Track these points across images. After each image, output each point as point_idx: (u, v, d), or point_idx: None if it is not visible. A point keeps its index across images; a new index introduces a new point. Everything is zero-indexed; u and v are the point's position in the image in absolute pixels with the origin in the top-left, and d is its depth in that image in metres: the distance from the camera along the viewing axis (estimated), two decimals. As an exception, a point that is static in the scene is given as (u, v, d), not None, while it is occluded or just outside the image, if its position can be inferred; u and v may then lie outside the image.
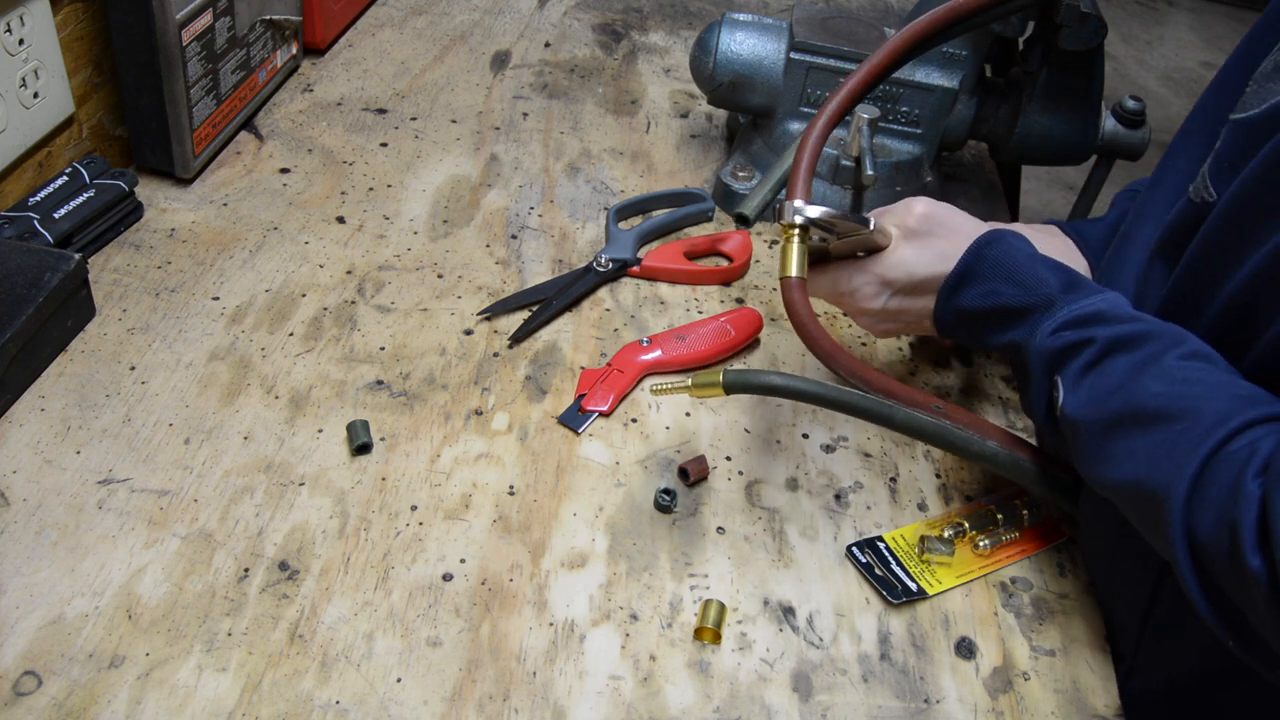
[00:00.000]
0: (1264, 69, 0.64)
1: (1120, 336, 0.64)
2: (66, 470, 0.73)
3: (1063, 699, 0.69)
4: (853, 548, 0.75)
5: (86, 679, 0.62)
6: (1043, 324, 0.69)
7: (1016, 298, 0.71)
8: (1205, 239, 0.64)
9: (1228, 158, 0.64)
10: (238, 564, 0.69)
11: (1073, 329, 0.67)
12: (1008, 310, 0.71)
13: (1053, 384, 0.67)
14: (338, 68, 1.20)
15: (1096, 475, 0.64)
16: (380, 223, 0.99)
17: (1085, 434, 0.64)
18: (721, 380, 0.71)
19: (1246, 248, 0.60)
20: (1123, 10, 4.01)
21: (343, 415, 0.80)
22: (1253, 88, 0.64)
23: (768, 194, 0.80)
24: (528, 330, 0.89)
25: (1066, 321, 0.67)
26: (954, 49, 0.99)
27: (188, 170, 0.99)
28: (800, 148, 0.77)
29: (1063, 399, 0.66)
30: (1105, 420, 0.63)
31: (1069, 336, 0.66)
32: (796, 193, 0.75)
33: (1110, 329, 0.65)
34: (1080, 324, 0.67)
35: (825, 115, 0.78)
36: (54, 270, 0.79)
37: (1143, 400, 0.61)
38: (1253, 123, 0.62)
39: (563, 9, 1.39)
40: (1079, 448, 0.65)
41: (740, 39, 1.02)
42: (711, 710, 0.65)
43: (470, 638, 0.67)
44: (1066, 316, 0.67)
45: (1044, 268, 0.71)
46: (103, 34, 0.96)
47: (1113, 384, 0.63)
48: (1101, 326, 0.66)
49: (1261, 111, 0.62)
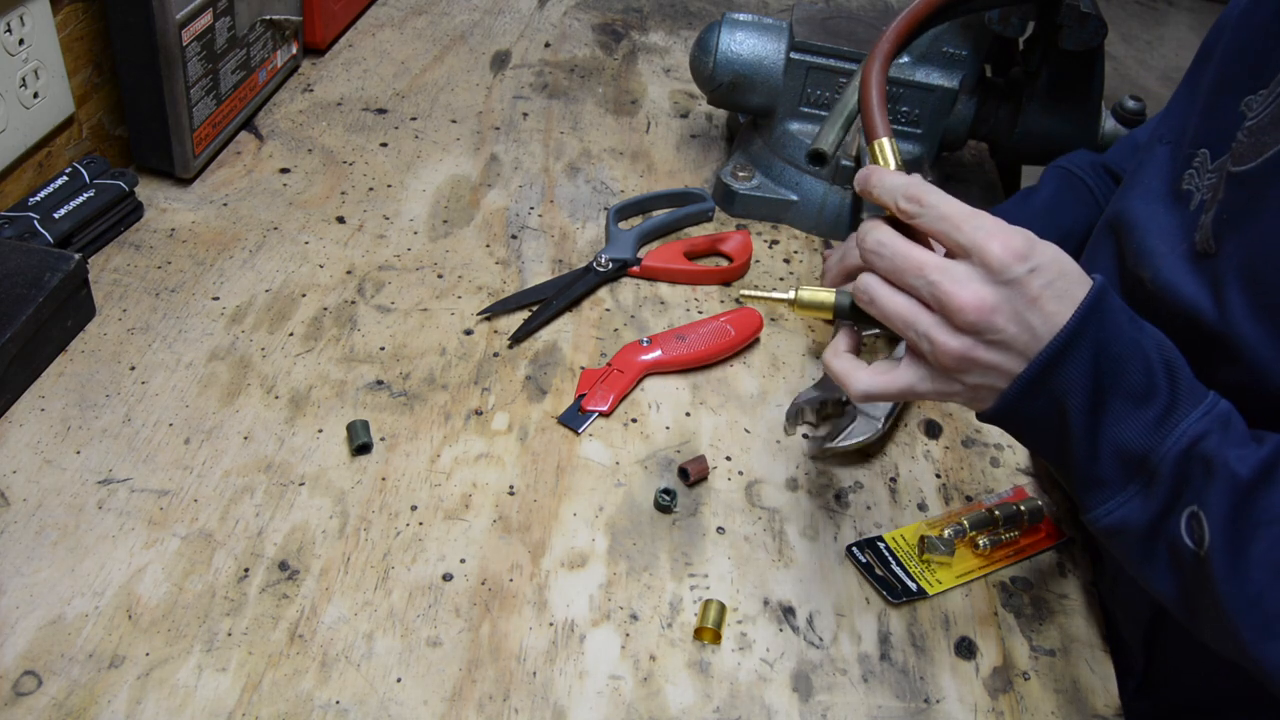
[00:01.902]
0: (1259, 120, 0.63)
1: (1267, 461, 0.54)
2: (66, 470, 0.73)
3: (1063, 699, 0.69)
4: (853, 548, 0.75)
5: (86, 679, 0.62)
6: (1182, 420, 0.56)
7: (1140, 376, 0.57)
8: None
9: (1230, 211, 0.63)
10: (238, 564, 0.69)
11: (1220, 432, 0.55)
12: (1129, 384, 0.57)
13: (1190, 515, 0.55)
14: (338, 68, 1.20)
15: (1261, 651, 0.52)
16: (380, 223, 0.99)
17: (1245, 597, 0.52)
18: (834, 301, 0.64)
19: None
20: (1123, 10, 4.01)
21: (343, 415, 0.80)
22: (1248, 140, 0.63)
23: (840, 130, 0.75)
24: (528, 330, 0.89)
25: (1213, 421, 0.56)
26: (953, 49, 0.99)
27: (188, 170, 0.99)
28: (864, 86, 0.68)
29: (1211, 544, 0.53)
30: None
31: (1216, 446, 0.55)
32: (879, 130, 0.65)
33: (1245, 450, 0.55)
34: (1224, 426, 0.56)
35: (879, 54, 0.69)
36: (54, 270, 0.79)
37: None
38: (1251, 176, 0.62)
39: (563, 9, 1.39)
40: (1224, 610, 0.53)
41: (740, 39, 1.02)
42: (711, 710, 0.65)
43: (470, 638, 0.67)
44: (1211, 415, 0.56)
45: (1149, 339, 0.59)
46: (103, 34, 0.96)
47: (1278, 533, 0.53)
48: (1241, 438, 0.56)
49: (1259, 164, 0.61)
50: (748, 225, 1.05)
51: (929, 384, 0.60)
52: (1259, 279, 0.59)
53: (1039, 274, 0.56)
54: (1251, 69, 0.66)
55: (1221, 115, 0.67)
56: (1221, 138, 0.66)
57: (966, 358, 0.57)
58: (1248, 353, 0.59)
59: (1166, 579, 0.57)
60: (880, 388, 0.61)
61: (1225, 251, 0.63)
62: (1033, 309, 0.56)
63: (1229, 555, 0.53)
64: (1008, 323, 0.56)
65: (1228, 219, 0.63)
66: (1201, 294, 0.63)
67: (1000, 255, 0.55)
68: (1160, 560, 0.57)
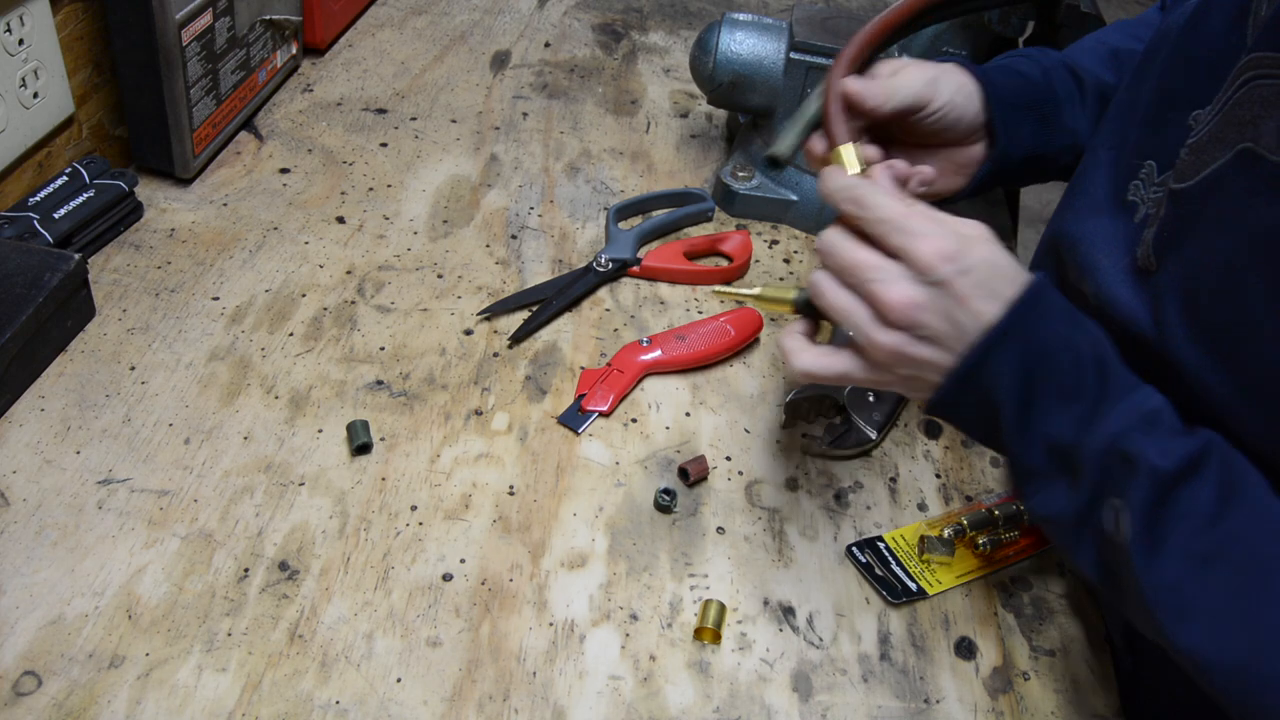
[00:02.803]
0: (1199, 138, 0.62)
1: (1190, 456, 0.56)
2: (66, 470, 0.73)
3: (1063, 699, 0.69)
4: (853, 548, 0.75)
5: (86, 679, 0.62)
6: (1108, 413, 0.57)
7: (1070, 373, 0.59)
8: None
9: (1171, 228, 0.63)
10: (238, 564, 0.69)
11: (1143, 430, 0.56)
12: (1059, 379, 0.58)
13: (1114, 506, 0.57)
14: (338, 68, 1.20)
15: (1177, 637, 0.54)
16: (380, 223, 0.99)
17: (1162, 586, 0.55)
18: (792, 298, 0.67)
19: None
20: (1123, 10, 4.02)
21: (343, 415, 0.80)
22: (1189, 157, 0.63)
23: (799, 135, 0.76)
24: (528, 330, 0.89)
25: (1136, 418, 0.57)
26: (953, 49, 0.99)
27: (188, 170, 0.99)
28: (828, 90, 0.71)
29: (1131, 535, 0.55)
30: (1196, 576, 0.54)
31: (1139, 442, 0.56)
32: (839, 137, 0.68)
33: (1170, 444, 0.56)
34: (1149, 423, 0.57)
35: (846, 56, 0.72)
36: (54, 270, 0.79)
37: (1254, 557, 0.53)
38: (1190, 194, 0.62)
39: (563, 9, 1.39)
40: (1143, 596, 0.56)
41: (740, 39, 1.02)
42: (711, 710, 0.65)
43: (470, 638, 0.67)
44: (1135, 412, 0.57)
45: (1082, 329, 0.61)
46: (103, 34, 0.96)
47: (1195, 525, 0.54)
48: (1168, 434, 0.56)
49: (1197, 183, 0.62)
50: (748, 225, 1.05)
51: (864, 373, 0.63)
52: (1195, 299, 0.60)
53: (968, 275, 0.58)
54: (1198, 82, 0.65)
55: (1169, 128, 0.66)
56: (1168, 151, 0.66)
57: (897, 353, 0.60)
58: (1186, 372, 0.60)
59: (1094, 565, 0.59)
60: (819, 369, 0.64)
61: (1165, 269, 0.63)
62: (961, 308, 0.58)
63: (1147, 546, 0.55)
64: (935, 320, 0.59)
65: (1168, 236, 0.63)
66: (1141, 310, 0.64)
67: (928, 256, 0.58)
68: (1088, 547, 0.59)
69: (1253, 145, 0.58)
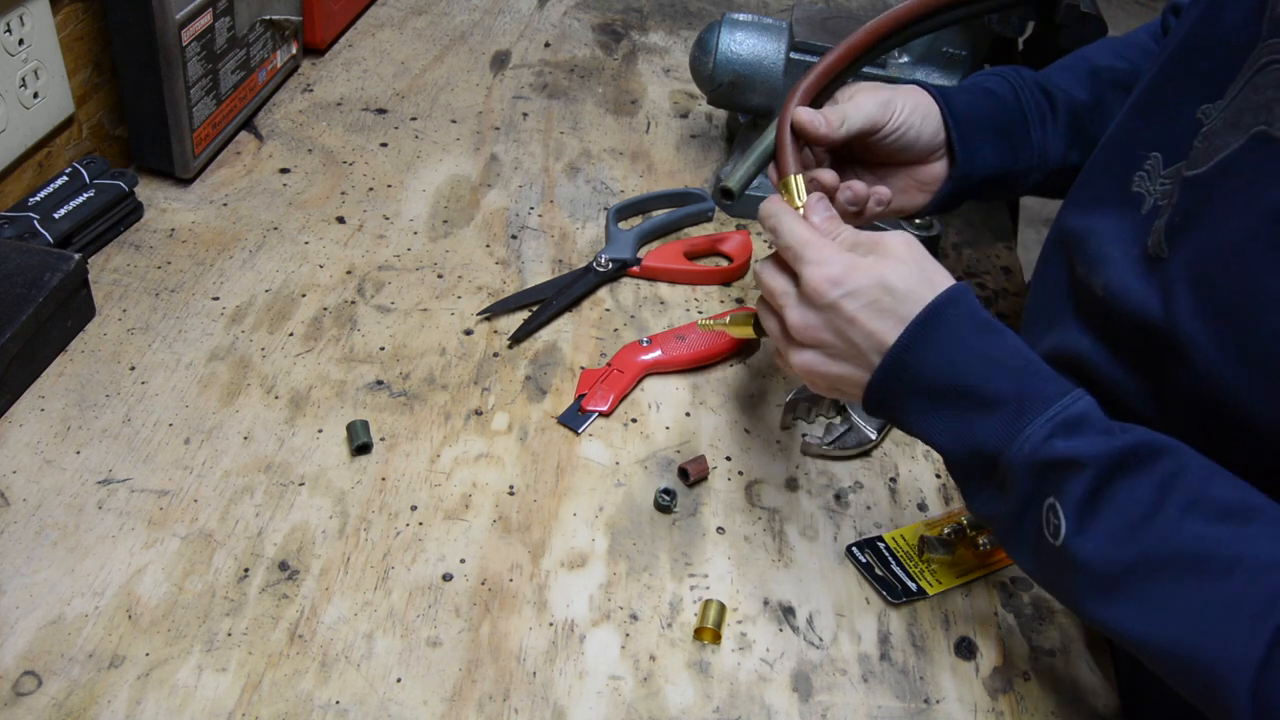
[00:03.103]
0: (1212, 126, 0.63)
1: (1122, 452, 0.57)
2: (66, 470, 0.73)
3: (1063, 699, 0.69)
4: (853, 548, 0.75)
5: (86, 679, 0.62)
6: (1025, 425, 0.58)
7: (985, 380, 0.60)
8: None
9: (1183, 215, 0.64)
10: (238, 564, 0.69)
11: (1064, 435, 0.57)
12: (972, 393, 0.60)
13: (1048, 507, 0.58)
14: (338, 68, 1.20)
15: (1112, 624, 0.56)
16: (380, 223, 0.99)
17: (1098, 577, 0.56)
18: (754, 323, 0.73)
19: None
20: (1122, 10, 4.02)
21: (343, 415, 0.80)
22: (1202, 145, 0.64)
23: (751, 168, 0.79)
24: (528, 330, 0.89)
25: (1058, 426, 0.58)
26: (953, 49, 0.99)
27: (188, 170, 0.99)
28: (780, 121, 0.74)
29: (1065, 532, 0.57)
30: (1128, 563, 0.55)
31: (1062, 448, 0.57)
32: (788, 168, 0.72)
33: (1106, 441, 0.57)
34: (1071, 428, 0.58)
35: (800, 91, 0.75)
36: (54, 270, 0.79)
37: (1182, 544, 0.54)
38: (1202, 179, 0.63)
39: (563, 9, 1.39)
40: (1084, 588, 0.57)
41: (740, 39, 1.02)
42: (711, 710, 0.65)
43: (470, 638, 0.67)
44: (1056, 419, 0.58)
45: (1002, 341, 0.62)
46: (103, 34, 0.96)
47: (1132, 517, 0.55)
48: (1094, 435, 0.57)
49: (1210, 168, 0.63)
50: (748, 225, 1.05)
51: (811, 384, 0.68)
52: (1206, 280, 0.61)
53: (852, 298, 0.62)
54: (1207, 77, 0.66)
55: (1176, 121, 0.67)
56: (1176, 144, 0.67)
57: (811, 370, 0.66)
58: (1196, 354, 0.61)
59: (1029, 560, 0.61)
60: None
61: (1176, 255, 0.64)
62: (852, 328, 0.63)
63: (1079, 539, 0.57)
64: (833, 339, 0.64)
65: (1179, 222, 0.64)
66: (1152, 297, 0.65)
67: (814, 282, 0.63)
68: (1026, 544, 0.61)
69: (1267, 128, 0.59)
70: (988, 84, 0.82)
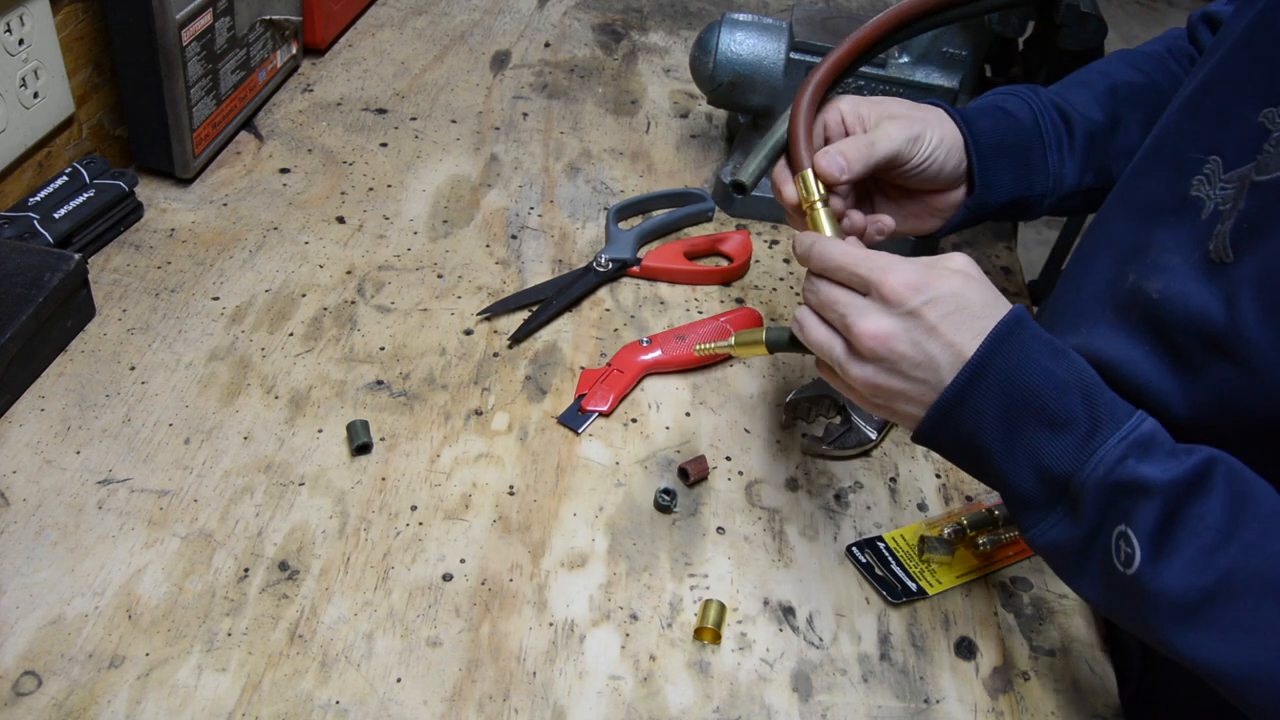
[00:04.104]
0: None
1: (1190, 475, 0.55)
2: (66, 470, 0.73)
3: (1063, 699, 0.69)
4: (853, 548, 0.75)
5: (86, 679, 0.62)
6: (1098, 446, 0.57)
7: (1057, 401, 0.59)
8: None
9: (1251, 220, 0.63)
10: (238, 564, 0.69)
11: (1138, 457, 0.56)
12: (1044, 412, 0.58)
13: (1118, 535, 0.56)
14: (338, 68, 1.20)
15: (1190, 652, 0.55)
16: (380, 223, 0.99)
17: (1176, 604, 0.55)
18: (764, 338, 0.71)
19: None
20: (1123, 10, 4.02)
21: (343, 415, 0.80)
22: (1275, 150, 0.62)
23: (763, 162, 0.78)
24: (528, 330, 0.89)
25: (1132, 445, 0.56)
26: (953, 49, 0.99)
27: (188, 170, 0.99)
28: (793, 115, 0.73)
29: (1140, 560, 0.55)
30: (1208, 588, 0.54)
31: (1136, 469, 0.55)
32: (803, 163, 0.70)
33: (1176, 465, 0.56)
34: (1144, 449, 0.56)
35: (812, 85, 0.74)
36: (54, 270, 0.79)
37: (1262, 566, 0.53)
38: (1275, 186, 0.62)
39: (563, 9, 1.39)
40: (1160, 617, 0.56)
41: (740, 39, 1.02)
42: (711, 710, 0.65)
43: (470, 638, 0.67)
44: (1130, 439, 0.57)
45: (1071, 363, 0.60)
46: (103, 34, 0.96)
47: (1208, 541, 0.54)
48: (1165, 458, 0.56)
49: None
50: (748, 225, 1.05)
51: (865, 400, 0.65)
52: (1275, 286, 0.60)
53: (935, 305, 0.60)
54: (1268, 79, 0.65)
55: (1235, 124, 0.66)
56: (1238, 146, 0.66)
57: (873, 384, 0.62)
58: (1258, 360, 0.60)
59: (1098, 593, 0.60)
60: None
61: (1243, 260, 0.63)
62: (931, 338, 0.60)
63: (1155, 566, 0.55)
64: (908, 350, 0.60)
65: (1247, 228, 0.63)
66: (1213, 301, 0.64)
67: (895, 287, 0.60)
68: (1092, 575, 0.60)
69: None
70: (1006, 105, 0.82)
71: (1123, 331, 0.71)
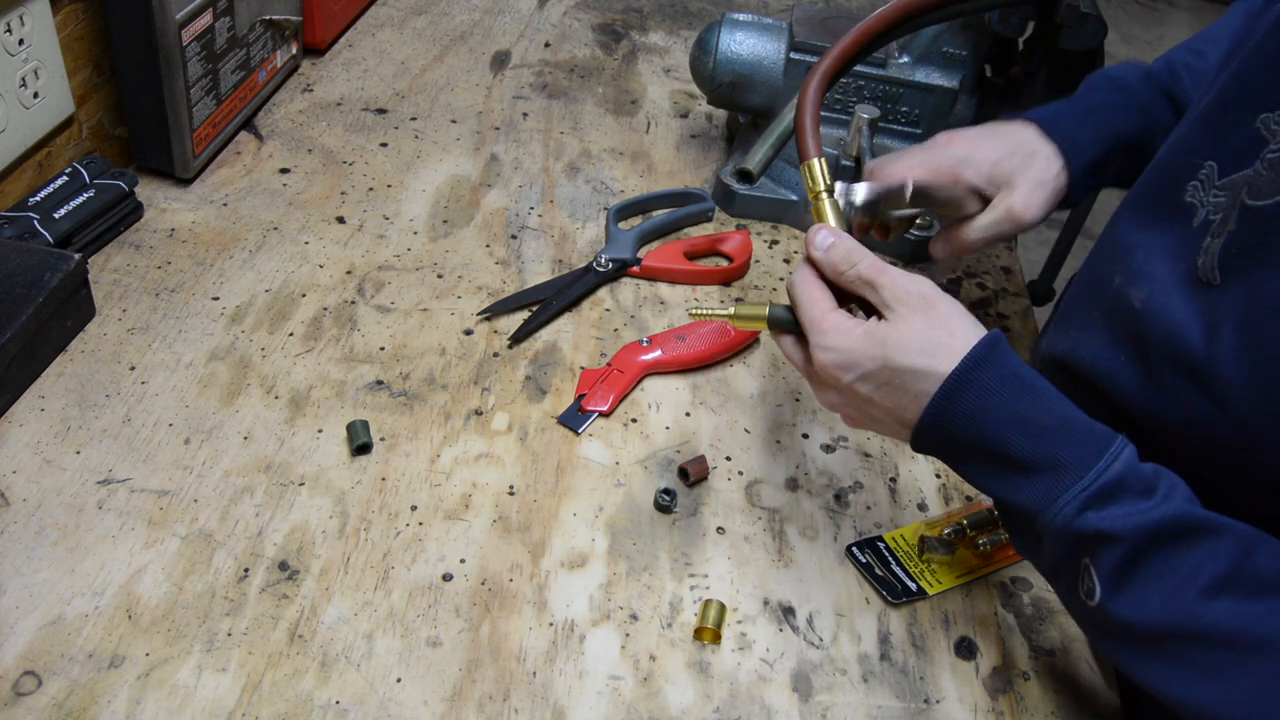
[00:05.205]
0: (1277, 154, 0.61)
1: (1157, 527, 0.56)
2: (66, 470, 0.73)
3: (1063, 699, 0.69)
4: (853, 548, 0.75)
5: (86, 679, 0.62)
6: (1059, 495, 0.57)
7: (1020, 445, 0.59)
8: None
9: (1240, 246, 0.62)
10: (238, 564, 0.69)
11: (1098, 508, 0.57)
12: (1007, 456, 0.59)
13: (1082, 568, 0.58)
14: (338, 68, 1.20)
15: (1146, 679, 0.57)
16: (380, 223, 0.99)
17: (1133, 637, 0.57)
18: (767, 314, 0.69)
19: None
20: (1123, 10, 4.02)
21: (343, 415, 0.80)
22: (1268, 173, 0.61)
23: (769, 150, 0.78)
24: (528, 330, 0.89)
25: (1091, 497, 0.57)
26: (953, 49, 0.99)
27: (188, 170, 0.99)
28: (800, 105, 0.73)
29: (1100, 594, 0.57)
30: (1161, 631, 0.55)
31: (1095, 521, 0.56)
32: (811, 152, 0.71)
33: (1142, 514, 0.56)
34: (1106, 499, 0.57)
35: (818, 74, 0.74)
36: (54, 270, 0.79)
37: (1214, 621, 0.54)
38: (1267, 213, 0.61)
39: (563, 9, 1.39)
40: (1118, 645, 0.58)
41: (740, 39, 1.02)
42: (711, 710, 0.65)
43: (470, 638, 0.67)
44: (1090, 490, 0.57)
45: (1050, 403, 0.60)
46: (103, 34, 0.96)
47: (1166, 588, 0.55)
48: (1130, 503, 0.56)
49: (1276, 202, 0.60)
50: (748, 225, 1.05)
51: None
52: (1258, 326, 0.59)
53: (863, 382, 0.63)
54: (1269, 85, 0.64)
55: (1232, 129, 0.65)
56: (1233, 153, 0.65)
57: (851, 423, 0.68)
58: (1232, 398, 0.60)
59: (1069, 607, 0.63)
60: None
61: (1229, 287, 0.62)
62: (871, 406, 0.64)
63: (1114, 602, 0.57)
64: (858, 414, 0.66)
65: (1236, 253, 0.62)
66: (1193, 324, 0.63)
67: (825, 367, 0.64)
68: (1063, 595, 0.63)
69: None
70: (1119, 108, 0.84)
71: (1105, 336, 0.71)
